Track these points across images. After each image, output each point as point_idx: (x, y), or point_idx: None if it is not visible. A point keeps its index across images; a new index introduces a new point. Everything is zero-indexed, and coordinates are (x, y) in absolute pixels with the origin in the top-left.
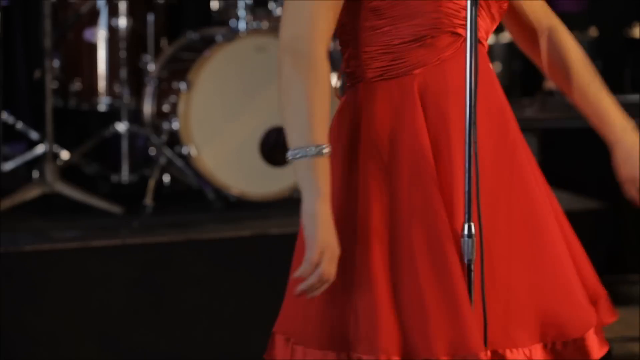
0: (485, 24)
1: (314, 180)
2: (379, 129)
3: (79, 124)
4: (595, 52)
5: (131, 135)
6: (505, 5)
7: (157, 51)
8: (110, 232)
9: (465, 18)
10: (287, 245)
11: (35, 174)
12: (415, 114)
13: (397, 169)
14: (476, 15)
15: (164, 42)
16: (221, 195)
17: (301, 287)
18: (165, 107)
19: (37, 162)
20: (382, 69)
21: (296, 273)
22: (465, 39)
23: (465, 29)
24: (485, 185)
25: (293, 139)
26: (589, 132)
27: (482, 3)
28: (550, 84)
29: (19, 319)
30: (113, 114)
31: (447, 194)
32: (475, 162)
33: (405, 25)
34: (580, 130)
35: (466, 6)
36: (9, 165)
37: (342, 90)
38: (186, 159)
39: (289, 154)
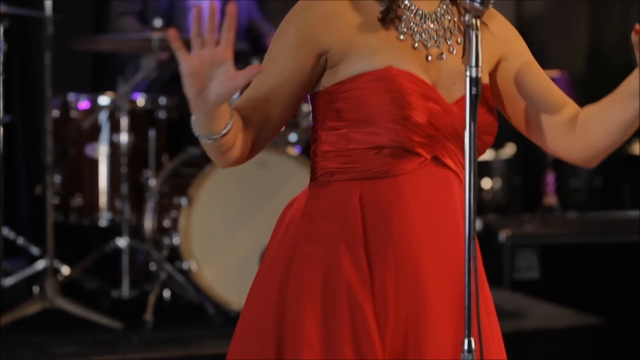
0: (458, 153)
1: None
2: (319, 233)
3: (80, 239)
4: (595, 168)
5: (132, 250)
6: (493, 129)
7: (158, 166)
8: (111, 348)
9: (428, 136)
10: None
11: (36, 289)
12: (355, 224)
13: (332, 283)
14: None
15: (165, 157)
16: (222, 310)
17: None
18: (166, 223)
19: (38, 277)
20: (334, 169)
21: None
22: (428, 160)
23: (426, 148)
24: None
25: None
26: (589, 248)
27: (453, 132)
28: (549, 200)
29: None
30: (114, 229)
31: (379, 312)
32: (475, 276)
33: (363, 131)
34: (579, 246)
35: (430, 125)
36: (9, 281)
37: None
38: (187, 274)
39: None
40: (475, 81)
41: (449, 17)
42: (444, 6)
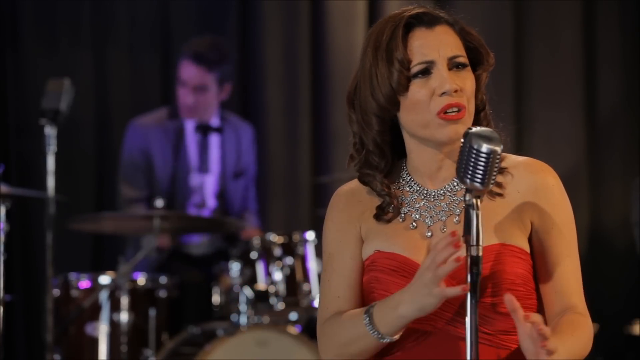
0: (460, 317)
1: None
2: None
3: None
4: (595, 348)
5: None
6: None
7: (158, 345)
8: None
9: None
10: None
11: None
12: None
13: None
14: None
15: (165, 336)
16: None
17: None
18: None
19: None
20: None
21: None
22: (427, 333)
23: (415, 323)
24: None
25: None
26: None
27: (449, 301)
28: None
29: None
30: None
31: None
32: None
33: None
34: None
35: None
36: None
37: None
38: None
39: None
40: (476, 260)
41: (454, 196)
42: (454, 183)
